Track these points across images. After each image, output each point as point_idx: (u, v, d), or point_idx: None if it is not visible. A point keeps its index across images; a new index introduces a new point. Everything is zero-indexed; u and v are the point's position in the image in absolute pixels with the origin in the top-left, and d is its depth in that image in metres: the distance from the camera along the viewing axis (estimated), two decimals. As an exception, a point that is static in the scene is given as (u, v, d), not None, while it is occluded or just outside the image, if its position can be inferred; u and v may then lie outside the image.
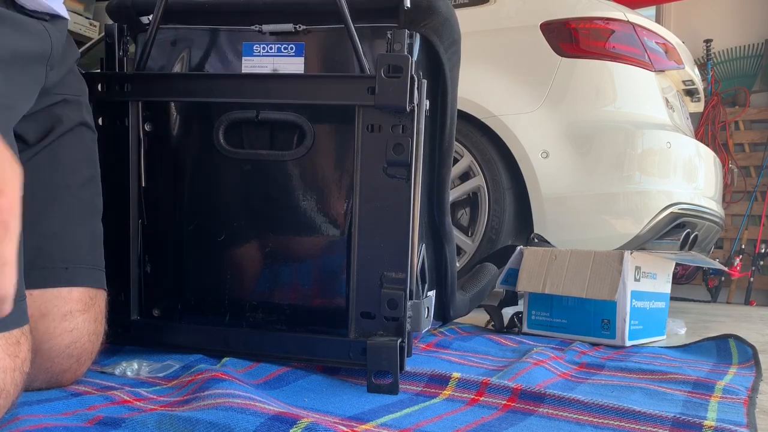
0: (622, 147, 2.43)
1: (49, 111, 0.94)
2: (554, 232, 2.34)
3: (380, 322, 1.04)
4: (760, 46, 4.77)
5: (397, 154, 1.03)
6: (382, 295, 1.03)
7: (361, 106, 1.05)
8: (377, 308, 1.04)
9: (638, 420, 0.86)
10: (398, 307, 1.02)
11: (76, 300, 0.92)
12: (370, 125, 1.05)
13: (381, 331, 1.04)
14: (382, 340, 1.01)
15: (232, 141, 1.17)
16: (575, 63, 2.46)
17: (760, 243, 4.50)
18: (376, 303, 1.04)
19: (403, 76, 1.02)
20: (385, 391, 0.99)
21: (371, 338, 1.02)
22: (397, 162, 1.04)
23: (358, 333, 1.05)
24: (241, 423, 0.72)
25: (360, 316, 1.04)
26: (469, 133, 2.48)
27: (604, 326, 1.62)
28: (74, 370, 0.93)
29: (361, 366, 1.03)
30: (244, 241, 1.18)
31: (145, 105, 1.18)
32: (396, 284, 1.03)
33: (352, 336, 1.05)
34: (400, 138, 1.04)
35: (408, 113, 1.04)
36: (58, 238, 0.92)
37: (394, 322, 1.03)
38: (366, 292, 1.04)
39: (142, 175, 1.19)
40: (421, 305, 1.09)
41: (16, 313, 0.73)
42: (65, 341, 0.90)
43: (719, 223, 2.82)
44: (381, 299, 1.03)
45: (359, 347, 1.03)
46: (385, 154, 1.04)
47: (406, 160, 1.03)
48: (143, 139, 1.19)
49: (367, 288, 1.04)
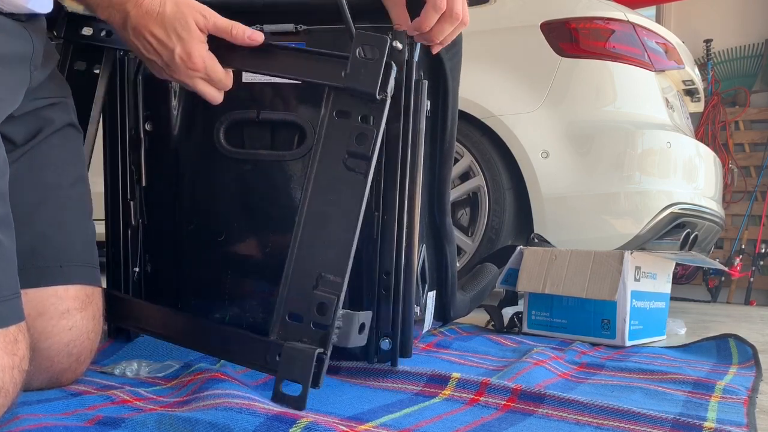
0: (622, 147, 2.43)
1: (37, 113, 0.95)
2: (554, 232, 2.34)
3: (307, 328, 0.91)
4: (760, 46, 4.77)
5: (359, 144, 0.94)
6: (313, 297, 0.92)
7: (332, 87, 0.96)
8: (306, 311, 0.92)
9: (638, 421, 0.86)
10: (327, 313, 0.91)
11: (73, 298, 0.92)
12: (339, 111, 0.96)
13: (306, 338, 0.91)
14: (300, 346, 0.90)
15: (233, 141, 1.17)
16: (575, 63, 2.47)
17: (760, 243, 4.50)
18: (306, 306, 0.92)
19: (377, 60, 0.93)
20: (291, 405, 0.86)
21: (290, 342, 0.91)
22: (358, 153, 0.94)
23: (279, 335, 0.92)
24: (240, 423, 0.72)
25: (287, 318, 0.93)
26: (469, 133, 2.48)
27: (604, 326, 1.63)
28: (74, 369, 0.93)
29: (273, 372, 0.92)
30: (244, 240, 1.18)
31: (144, 104, 1.19)
32: (331, 288, 0.92)
33: (272, 337, 0.92)
34: (365, 128, 0.95)
35: (378, 103, 0.95)
36: (51, 238, 0.92)
37: (320, 330, 0.91)
38: (298, 292, 0.93)
39: (143, 175, 1.20)
40: (354, 318, 0.97)
41: (11, 309, 0.73)
42: (64, 339, 0.90)
43: (719, 223, 2.82)
44: (311, 302, 0.92)
45: (277, 351, 0.91)
46: (347, 144, 0.95)
47: (367, 153, 0.94)
48: (144, 139, 1.19)
49: (300, 287, 0.93)
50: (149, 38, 0.90)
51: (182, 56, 0.90)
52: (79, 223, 0.97)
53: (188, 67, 0.91)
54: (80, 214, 0.98)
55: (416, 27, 1.02)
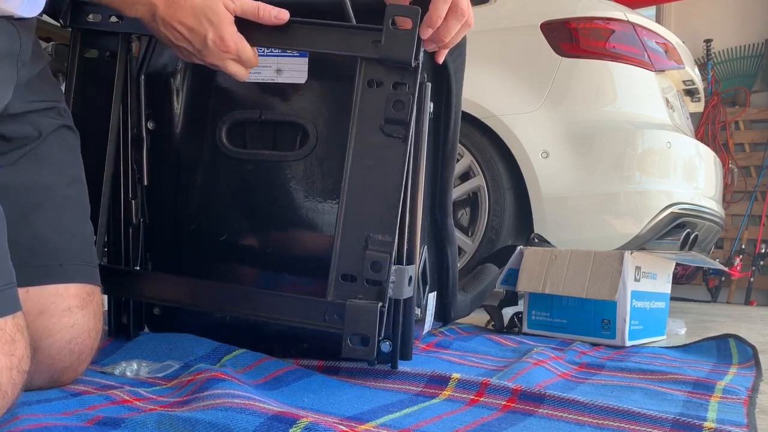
0: (622, 147, 2.43)
1: (31, 116, 0.95)
2: (554, 232, 2.34)
3: (361, 286, 0.99)
4: (760, 46, 4.77)
5: (396, 111, 1.00)
6: (366, 256, 0.99)
7: (364, 59, 1.01)
8: (359, 271, 0.99)
9: (638, 421, 0.86)
10: (382, 270, 0.98)
11: (74, 296, 0.92)
12: (371, 80, 1.01)
13: (361, 294, 0.99)
14: (361, 302, 0.98)
15: (235, 141, 1.17)
16: (575, 63, 2.46)
17: (760, 243, 4.50)
18: (359, 265, 0.99)
19: (412, 29, 0.99)
20: (360, 355, 0.96)
21: (350, 300, 0.98)
22: (395, 119, 1.00)
23: (337, 295, 0.99)
24: (240, 423, 0.72)
25: (341, 279, 1.00)
26: (470, 133, 2.48)
27: (604, 326, 1.62)
28: (75, 367, 0.93)
29: (337, 329, 0.99)
30: (245, 240, 1.18)
31: (147, 103, 1.19)
32: (382, 247, 0.99)
33: (330, 297, 1.00)
34: (401, 95, 1.00)
35: (412, 70, 1.00)
36: (49, 237, 0.92)
37: (375, 286, 0.99)
38: (349, 254, 1.00)
39: (145, 174, 1.19)
40: (405, 271, 1.05)
41: (5, 300, 0.72)
42: (66, 337, 0.90)
43: (719, 223, 2.82)
44: (364, 261, 0.99)
45: (336, 310, 0.99)
46: (384, 111, 1.00)
47: (405, 118, 1.00)
48: (146, 138, 1.19)
49: (351, 249, 1.00)
50: (179, 28, 0.95)
51: (215, 40, 0.95)
52: (77, 222, 0.97)
53: (221, 50, 0.96)
54: (78, 214, 0.98)
55: (428, 23, 1.02)
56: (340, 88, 1.13)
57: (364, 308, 0.97)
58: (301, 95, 1.17)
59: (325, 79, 1.17)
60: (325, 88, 1.17)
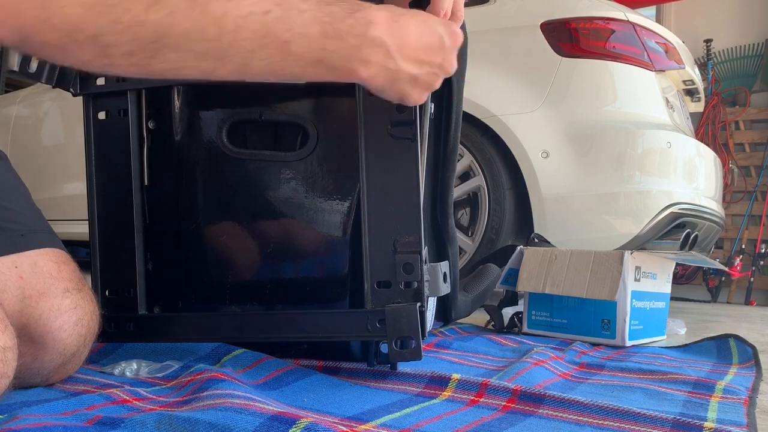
0: (622, 147, 2.43)
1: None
2: (554, 232, 2.34)
3: (397, 290, 1.01)
4: (760, 45, 4.77)
5: (400, 113, 1.00)
6: (396, 260, 1.00)
7: None
8: (393, 275, 1.01)
9: (638, 421, 0.86)
10: (414, 271, 1.00)
11: (68, 279, 0.93)
12: None
13: (398, 299, 1.01)
14: (400, 306, 0.99)
15: (236, 141, 1.17)
16: (575, 63, 2.47)
17: (760, 243, 4.50)
18: (392, 270, 1.01)
19: None
20: (408, 358, 0.98)
21: (389, 306, 1.00)
22: (401, 122, 1.01)
23: (375, 303, 1.01)
24: (240, 423, 0.72)
25: (376, 287, 1.01)
26: (470, 133, 2.48)
27: (605, 326, 1.62)
28: (81, 353, 0.94)
29: (381, 337, 1.01)
30: (245, 240, 1.18)
31: (147, 101, 1.19)
32: (410, 248, 1.00)
33: (368, 307, 1.02)
34: None
35: None
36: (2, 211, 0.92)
37: (410, 288, 1.01)
38: (380, 261, 1.01)
39: (145, 174, 1.19)
40: (438, 269, 1.05)
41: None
42: (73, 318, 0.91)
43: (719, 223, 2.82)
44: (396, 265, 1.00)
45: (377, 318, 1.01)
46: (389, 115, 1.01)
47: (410, 119, 1.00)
48: (146, 137, 1.19)
49: (381, 256, 1.01)
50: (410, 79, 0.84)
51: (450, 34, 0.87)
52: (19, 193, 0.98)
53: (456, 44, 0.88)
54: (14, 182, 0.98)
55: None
56: (340, 88, 1.13)
57: (404, 311, 0.98)
58: (301, 95, 1.17)
59: (325, 78, 1.17)
60: (326, 88, 1.17)
